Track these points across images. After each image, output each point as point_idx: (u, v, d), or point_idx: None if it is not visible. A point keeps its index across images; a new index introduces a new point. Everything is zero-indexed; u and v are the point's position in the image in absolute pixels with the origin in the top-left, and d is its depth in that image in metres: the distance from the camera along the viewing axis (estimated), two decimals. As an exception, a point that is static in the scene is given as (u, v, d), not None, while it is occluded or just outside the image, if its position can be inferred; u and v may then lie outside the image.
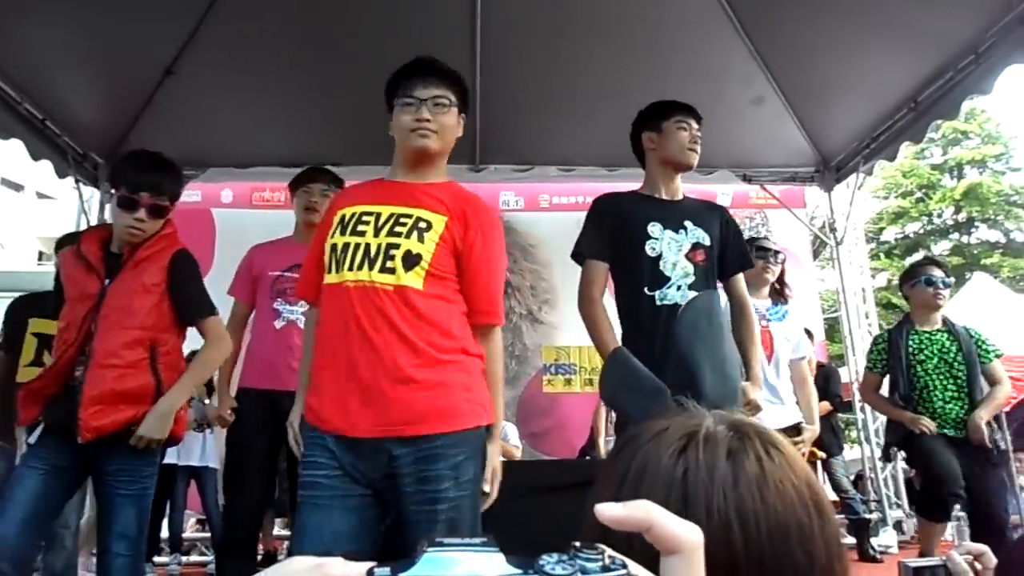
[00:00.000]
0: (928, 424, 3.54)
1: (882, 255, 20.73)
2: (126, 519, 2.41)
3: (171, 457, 5.42)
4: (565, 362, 6.17)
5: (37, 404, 2.41)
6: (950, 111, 4.42)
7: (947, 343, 3.66)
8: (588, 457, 5.40)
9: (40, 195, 21.51)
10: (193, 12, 4.36)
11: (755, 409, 2.54)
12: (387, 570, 0.37)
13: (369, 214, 2.00)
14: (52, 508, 2.44)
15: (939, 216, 21.06)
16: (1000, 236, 20.57)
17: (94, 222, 5.41)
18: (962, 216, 20.49)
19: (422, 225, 1.97)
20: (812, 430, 3.54)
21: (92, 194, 5.45)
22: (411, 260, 1.94)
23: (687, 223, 2.60)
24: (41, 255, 22.33)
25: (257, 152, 5.47)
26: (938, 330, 3.72)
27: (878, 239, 21.52)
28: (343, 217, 2.03)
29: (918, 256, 20.70)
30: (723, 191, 6.24)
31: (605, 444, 5.29)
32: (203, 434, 5.53)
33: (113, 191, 2.50)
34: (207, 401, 5.16)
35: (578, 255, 2.70)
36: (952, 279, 3.86)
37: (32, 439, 2.42)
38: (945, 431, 3.53)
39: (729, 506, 0.59)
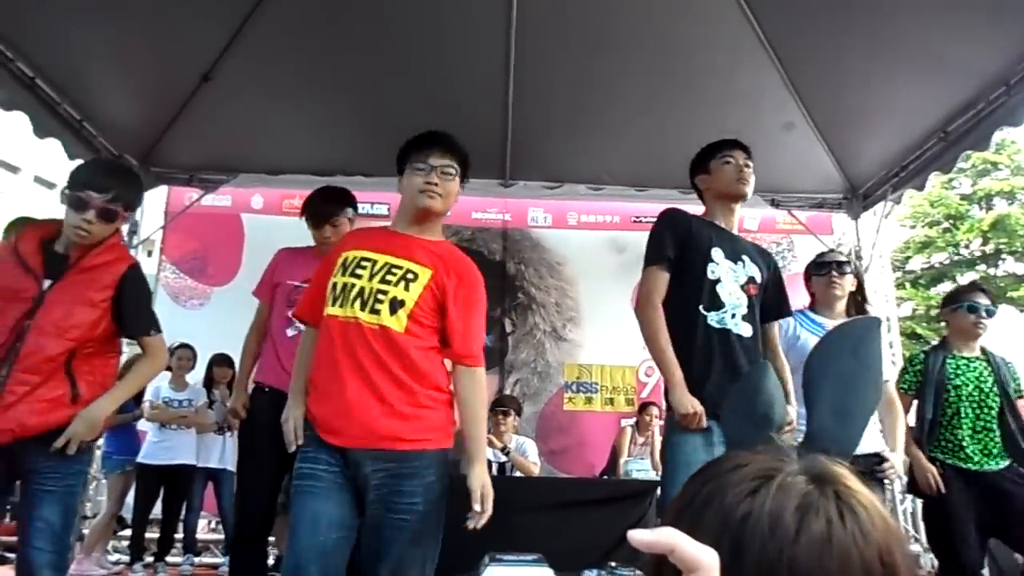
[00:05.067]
0: (937, 483, 3.37)
1: (908, 284, 20.53)
2: (49, 514, 2.38)
3: (190, 458, 5.50)
4: (587, 380, 6.16)
5: None
6: (980, 142, 4.40)
7: (984, 372, 3.53)
8: (607, 478, 5.38)
9: (38, 179, 20.68)
10: (232, 20, 4.43)
11: (793, 428, 2.61)
12: None
13: (367, 260, 2.32)
14: None
15: (966, 247, 20.83)
16: (1028, 269, 20.32)
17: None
18: (989, 248, 20.26)
19: (410, 276, 2.29)
20: (898, 457, 3.31)
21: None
22: (395, 305, 2.25)
23: (744, 257, 2.68)
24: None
25: (288, 160, 5.54)
26: (976, 358, 3.58)
27: (904, 268, 21.33)
28: (345, 259, 2.35)
29: (944, 287, 20.51)
30: (750, 215, 6.24)
31: (625, 465, 5.28)
32: (223, 437, 5.58)
33: (67, 191, 2.47)
34: (228, 404, 5.20)
35: (646, 260, 2.72)
36: (996, 308, 3.67)
37: None
38: (969, 465, 3.40)
39: (783, 563, 0.56)
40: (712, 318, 2.56)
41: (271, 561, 5.63)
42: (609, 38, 4.46)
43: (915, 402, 3.66)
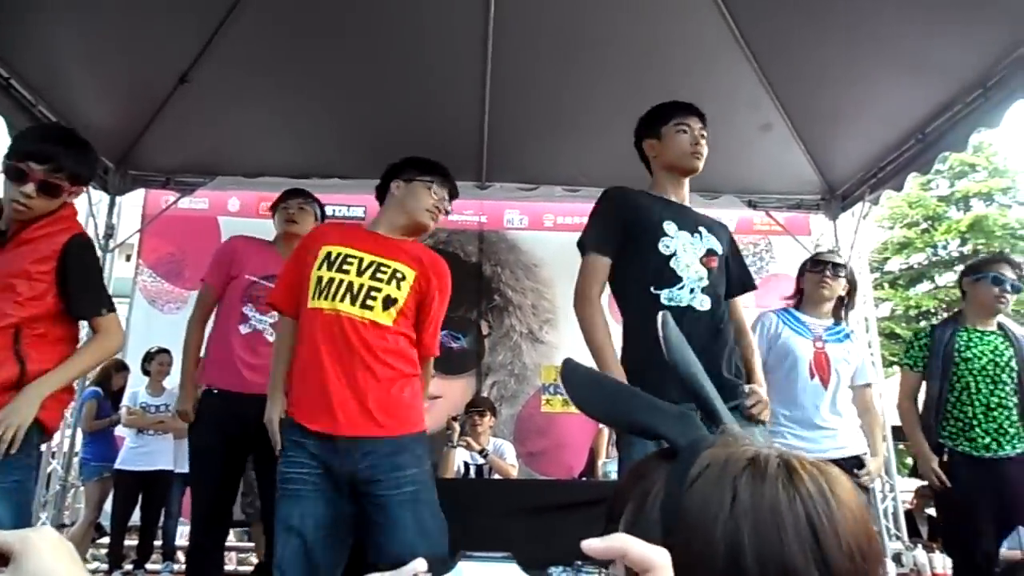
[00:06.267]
0: (941, 479, 3.23)
1: (886, 285, 20.73)
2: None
3: (167, 464, 5.45)
4: (565, 382, 6.13)
5: None
6: (958, 144, 4.42)
7: (1000, 345, 3.29)
8: (585, 480, 5.38)
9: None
10: (210, 21, 4.39)
11: (765, 406, 2.44)
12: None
13: (353, 256, 2.43)
14: None
15: (944, 248, 21.05)
16: (1005, 270, 20.50)
17: (101, 226, 5.43)
18: (967, 248, 20.48)
19: (399, 275, 2.44)
20: (876, 462, 3.37)
21: (101, 198, 5.48)
22: (388, 302, 2.40)
23: (701, 228, 2.50)
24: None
25: (265, 162, 5.49)
26: (992, 331, 3.36)
27: (882, 269, 21.53)
28: (329, 254, 2.45)
29: (923, 287, 20.71)
30: (728, 216, 6.23)
31: (603, 466, 5.27)
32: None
33: (6, 160, 2.21)
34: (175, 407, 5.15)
35: (581, 245, 2.54)
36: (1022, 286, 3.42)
37: None
38: (981, 452, 3.19)
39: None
40: (664, 296, 2.34)
41: (250, 568, 5.61)
42: (585, 39, 4.45)
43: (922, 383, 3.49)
